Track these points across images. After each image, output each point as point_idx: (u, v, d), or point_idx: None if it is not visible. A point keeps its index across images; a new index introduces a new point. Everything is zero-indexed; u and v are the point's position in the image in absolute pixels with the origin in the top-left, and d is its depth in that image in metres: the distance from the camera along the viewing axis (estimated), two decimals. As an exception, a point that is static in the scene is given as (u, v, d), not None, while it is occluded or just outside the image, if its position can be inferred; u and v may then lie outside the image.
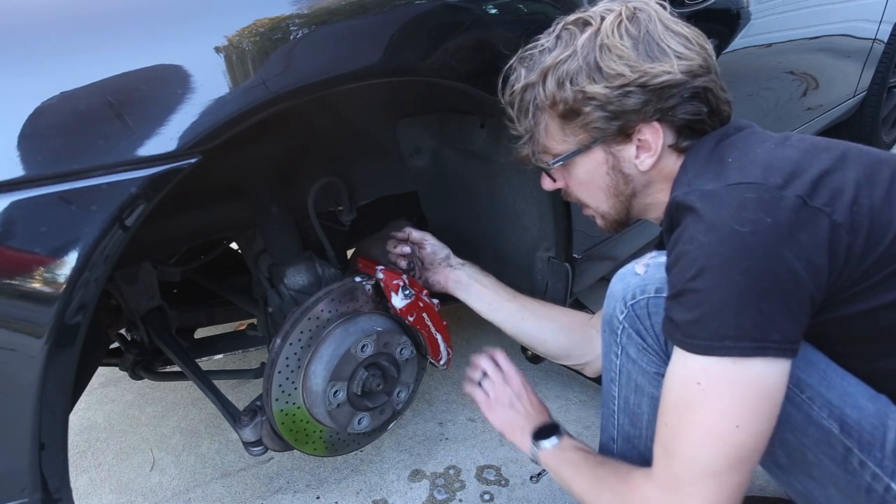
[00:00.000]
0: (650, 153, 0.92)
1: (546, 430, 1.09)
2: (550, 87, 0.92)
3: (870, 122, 2.87)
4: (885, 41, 2.64)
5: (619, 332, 0.94)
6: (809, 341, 0.83)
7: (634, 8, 0.91)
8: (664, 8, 0.92)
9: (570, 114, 0.92)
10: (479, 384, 1.21)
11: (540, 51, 0.94)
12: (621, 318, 0.93)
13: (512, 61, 0.99)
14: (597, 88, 0.88)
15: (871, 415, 0.80)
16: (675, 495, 0.79)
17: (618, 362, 0.97)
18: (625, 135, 0.92)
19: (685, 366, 0.78)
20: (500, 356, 1.21)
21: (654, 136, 0.91)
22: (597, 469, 0.97)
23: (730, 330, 0.73)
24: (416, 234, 1.30)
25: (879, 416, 0.80)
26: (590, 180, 0.99)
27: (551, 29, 0.95)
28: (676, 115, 0.89)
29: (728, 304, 0.73)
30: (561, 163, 0.98)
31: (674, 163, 0.93)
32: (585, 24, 0.91)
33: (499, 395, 1.17)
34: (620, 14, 0.90)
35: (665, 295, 0.83)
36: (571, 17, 0.94)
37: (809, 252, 0.74)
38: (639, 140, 0.92)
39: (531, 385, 1.19)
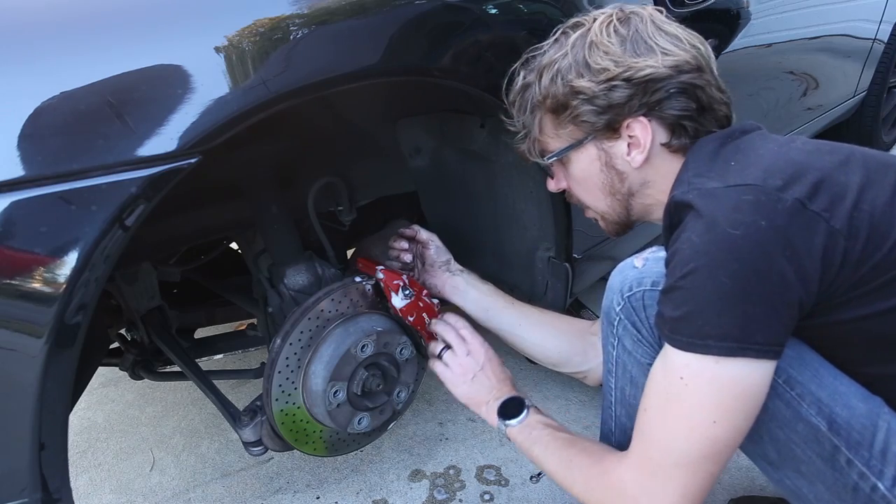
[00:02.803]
0: (640, 150, 0.93)
1: (512, 406, 1.09)
2: (545, 83, 0.94)
3: (870, 122, 2.87)
4: (885, 41, 2.64)
5: (616, 323, 0.96)
6: (804, 343, 0.85)
7: (630, 11, 0.93)
8: (661, 11, 0.95)
9: (559, 108, 0.95)
10: (440, 356, 1.18)
11: (540, 53, 0.98)
12: (618, 309, 0.95)
13: (516, 64, 1.01)
14: (583, 83, 0.91)
15: (862, 414, 0.81)
16: (649, 479, 0.82)
17: (614, 353, 0.98)
18: (613, 129, 0.93)
19: (670, 359, 0.80)
20: (464, 328, 1.19)
21: (643, 131, 0.91)
22: (567, 450, 0.98)
23: (712, 329, 0.75)
24: (423, 234, 1.31)
25: (870, 416, 0.81)
26: (586, 177, 1.00)
27: (551, 35, 0.98)
28: (664, 110, 0.90)
29: (712, 305, 0.75)
30: (556, 158, 1.00)
31: (670, 163, 0.93)
32: (579, 25, 0.95)
33: (462, 368, 1.16)
34: (612, 16, 0.93)
35: (660, 288, 0.85)
36: (570, 22, 0.97)
37: (802, 257, 0.74)
38: (629, 136, 0.93)
39: (497, 356, 1.17)
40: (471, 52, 1.03)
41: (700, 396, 0.78)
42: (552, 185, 1.08)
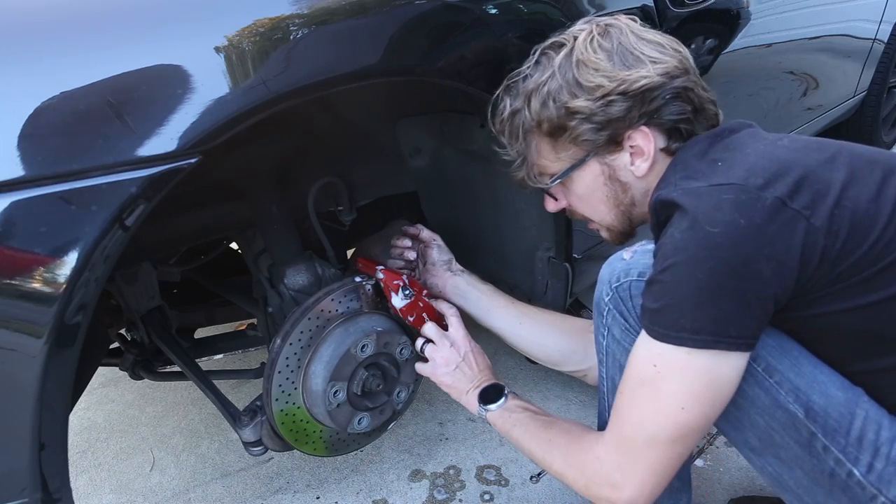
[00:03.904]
0: (644, 157, 0.94)
1: (492, 392, 1.12)
2: (535, 107, 0.95)
3: (870, 122, 2.86)
4: (885, 41, 2.64)
5: (605, 313, 0.98)
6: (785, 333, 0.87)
7: (606, 24, 0.94)
8: (635, 20, 0.96)
9: (557, 131, 0.95)
10: (422, 351, 1.20)
11: (523, 78, 0.97)
12: (607, 299, 0.97)
13: (498, 91, 1.01)
14: (578, 102, 0.91)
15: (840, 403, 0.82)
16: (622, 456, 0.87)
17: (605, 343, 1.00)
18: (615, 143, 0.94)
19: (646, 348, 0.83)
20: (453, 315, 1.21)
21: (646, 140, 0.93)
22: (547, 430, 1.01)
23: (687, 322, 0.78)
24: (426, 234, 1.32)
25: (848, 404, 0.82)
26: (589, 194, 1.01)
27: (530, 57, 0.98)
28: (662, 116, 0.92)
29: (688, 299, 0.78)
30: (559, 180, 1.00)
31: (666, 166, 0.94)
32: (560, 45, 0.95)
33: (444, 359, 1.18)
34: (592, 31, 0.93)
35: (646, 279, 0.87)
36: (547, 42, 0.97)
37: (780, 254, 0.76)
38: (631, 147, 0.94)
39: (478, 346, 1.20)
40: (471, 52, 1.03)
41: (671, 384, 0.81)
42: (552, 206, 1.08)
